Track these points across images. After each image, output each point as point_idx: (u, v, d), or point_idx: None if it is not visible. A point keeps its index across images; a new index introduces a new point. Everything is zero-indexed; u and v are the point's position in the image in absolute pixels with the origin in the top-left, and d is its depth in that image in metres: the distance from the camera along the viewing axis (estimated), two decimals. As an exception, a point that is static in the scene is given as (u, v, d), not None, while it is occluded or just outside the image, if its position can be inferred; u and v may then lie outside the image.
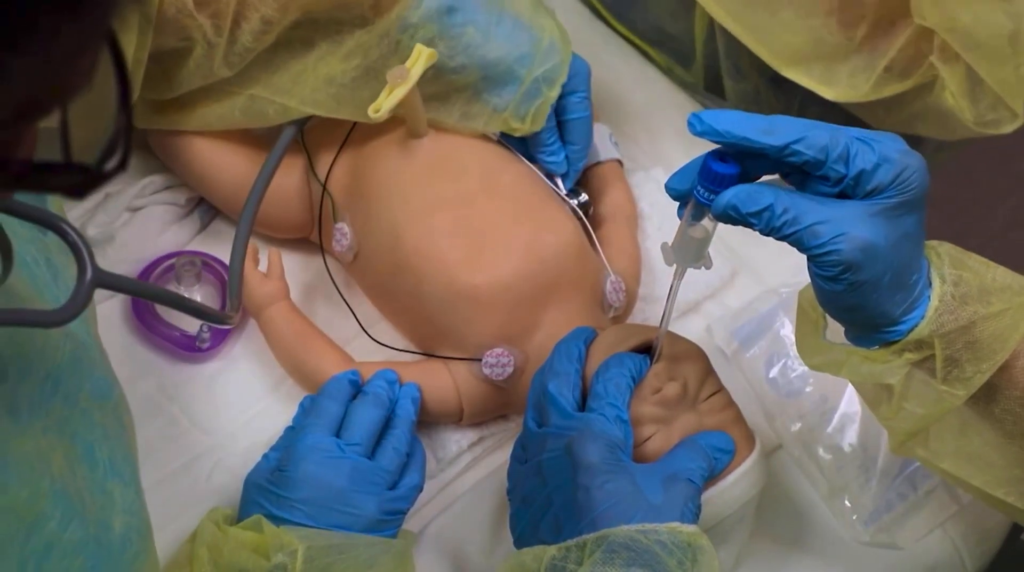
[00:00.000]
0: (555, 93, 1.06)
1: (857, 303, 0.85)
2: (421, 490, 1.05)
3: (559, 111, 1.16)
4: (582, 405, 0.98)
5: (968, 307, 0.86)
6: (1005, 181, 2.29)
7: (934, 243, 0.90)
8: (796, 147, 0.80)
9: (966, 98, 1.10)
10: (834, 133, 0.81)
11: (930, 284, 0.87)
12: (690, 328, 1.24)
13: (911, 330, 0.86)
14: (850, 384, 1.19)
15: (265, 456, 1.05)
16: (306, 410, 1.07)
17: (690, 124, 0.82)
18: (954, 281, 0.87)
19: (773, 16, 1.10)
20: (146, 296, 0.95)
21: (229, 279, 1.09)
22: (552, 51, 1.04)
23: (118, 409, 0.84)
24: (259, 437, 1.14)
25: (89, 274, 0.74)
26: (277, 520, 0.98)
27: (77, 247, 0.75)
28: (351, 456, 1.01)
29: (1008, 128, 1.13)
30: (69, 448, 0.75)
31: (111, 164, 0.55)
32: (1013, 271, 0.91)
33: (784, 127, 0.81)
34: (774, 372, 1.22)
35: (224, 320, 1.06)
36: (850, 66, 1.13)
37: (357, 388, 1.10)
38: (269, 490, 0.99)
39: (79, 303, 0.74)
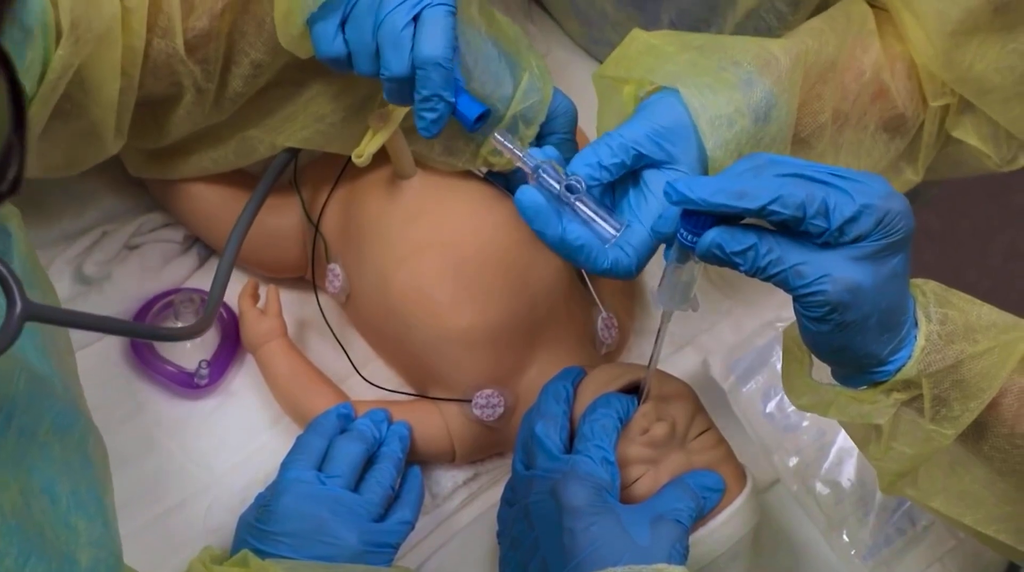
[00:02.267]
0: (532, 131, 1.07)
1: (844, 344, 0.84)
2: (412, 527, 1.05)
3: None
4: (571, 447, 0.98)
5: (954, 346, 0.86)
6: (1001, 214, 2.28)
7: (919, 281, 0.89)
8: (772, 207, 0.80)
9: (989, 142, 1.11)
10: (810, 188, 0.80)
11: (916, 323, 0.87)
12: (686, 362, 1.24)
13: (898, 370, 0.86)
14: (845, 420, 1.20)
15: (259, 495, 1.06)
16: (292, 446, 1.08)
17: (665, 194, 0.82)
18: (940, 320, 0.86)
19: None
20: (85, 327, 0.92)
21: (211, 291, 1.07)
22: (532, 90, 1.05)
23: (83, 443, 0.83)
24: (256, 474, 1.15)
25: (18, 308, 0.73)
26: (263, 555, 0.98)
27: (4, 280, 0.73)
28: (331, 488, 1.01)
29: (1023, 162, 1.14)
30: (26, 482, 0.75)
31: (3, 187, 0.53)
32: (1010, 304, 0.91)
33: (757, 189, 0.80)
34: (771, 406, 1.22)
35: (188, 335, 1.05)
36: (900, 169, 1.14)
37: (348, 421, 1.11)
38: (254, 526, 1.00)
39: (7, 338, 0.72)
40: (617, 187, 0.95)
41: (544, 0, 1.41)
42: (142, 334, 1.01)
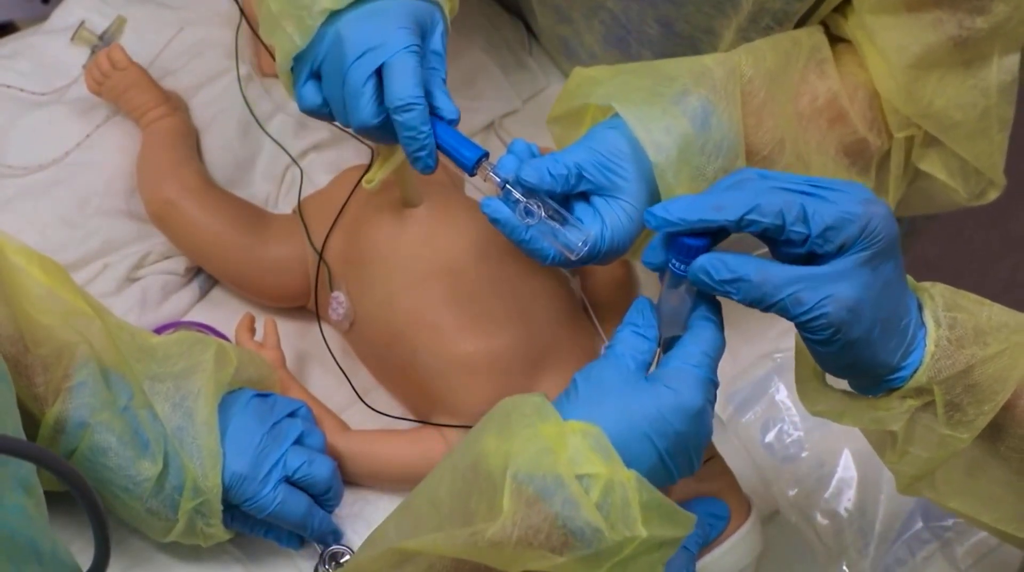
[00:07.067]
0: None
1: (853, 360, 0.84)
2: None
3: None
4: None
5: (965, 350, 0.86)
6: (1000, 242, 2.30)
7: (927, 285, 0.89)
8: (751, 217, 0.80)
9: (957, 177, 1.12)
10: (787, 196, 0.81)
11: (923, 325, 0.87)
12: (685, 394, 1.24)
13: (911, 376, 0.86)
14: (847, 449, 1.20)
15: None
16: None
17: (645, 221, 0.83)
18: (949, 324, 0.86)
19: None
20: None
21: None
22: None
23: None
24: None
25: None
26: None
27: None
28: None
29: (993, 196, 1.15)
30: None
31: None
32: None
33: (734, 201, 0.81)
34: (770, 437, 1.22)
35: None
36: None
37: None
38: None
39: None
40: (569, 205, 0.96)
41: (541, 40, 1.43)
42: None
